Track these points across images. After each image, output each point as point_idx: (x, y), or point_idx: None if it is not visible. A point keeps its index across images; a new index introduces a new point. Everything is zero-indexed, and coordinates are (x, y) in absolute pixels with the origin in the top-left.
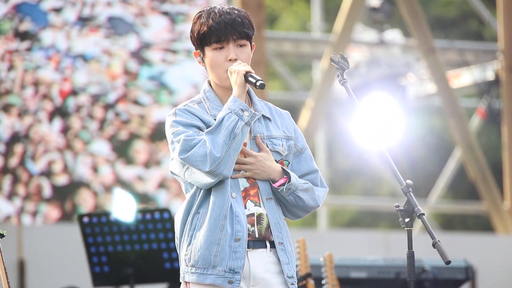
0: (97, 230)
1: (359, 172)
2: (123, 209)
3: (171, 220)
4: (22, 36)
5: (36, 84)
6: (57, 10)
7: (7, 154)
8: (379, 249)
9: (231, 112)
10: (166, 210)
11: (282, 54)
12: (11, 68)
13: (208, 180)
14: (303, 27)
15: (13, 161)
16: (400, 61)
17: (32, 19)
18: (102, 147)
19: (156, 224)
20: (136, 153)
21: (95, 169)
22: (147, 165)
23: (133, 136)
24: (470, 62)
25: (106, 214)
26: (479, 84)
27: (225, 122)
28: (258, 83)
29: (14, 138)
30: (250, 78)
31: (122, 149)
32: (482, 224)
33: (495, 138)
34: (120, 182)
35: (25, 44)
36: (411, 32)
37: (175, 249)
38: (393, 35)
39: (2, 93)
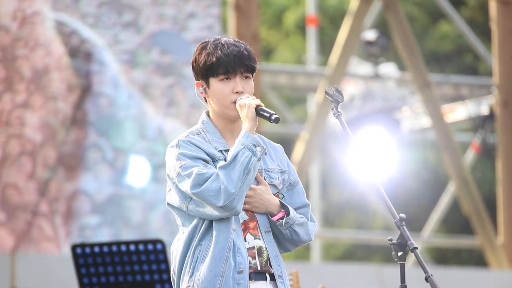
0: (90, 260)
1: (352, 205)
2: (137, 175)
3: (164, 251)
4: (163, 71)
5: None
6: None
7: None
8: (372, 283)
9: (244, 147)
10: (159, 241)
11: (277, 87)
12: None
13: (218, 214)
14: (298, 60)
15: None
16: (395, 94)
17: (173, 51)
18: None
19: (149, 255)
20: None
21: None
22: None
23: None
24: (465, 97)
25: (99, 244)
26: (474, 119)
27: (239, 157)
28: (273, 117)
29: None
30: (262, 112)
31: None
32: (476, 259)
33: (489, 172)
34: None
35: (169, 80)
36: (406, 66)
37: (168, 281)
38: (388, 68)
39: None
